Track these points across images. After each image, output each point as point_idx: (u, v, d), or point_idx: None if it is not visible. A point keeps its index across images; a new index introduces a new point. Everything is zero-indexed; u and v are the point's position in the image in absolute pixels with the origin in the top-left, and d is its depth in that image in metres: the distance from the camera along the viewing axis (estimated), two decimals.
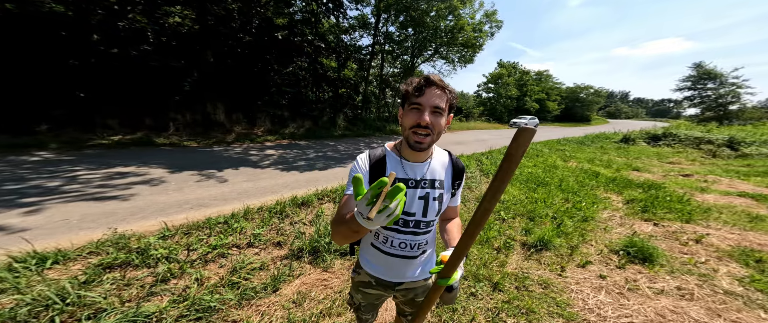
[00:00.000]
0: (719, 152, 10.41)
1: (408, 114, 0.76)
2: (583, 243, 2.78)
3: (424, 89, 0.73)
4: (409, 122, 0.75)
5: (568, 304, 1.89)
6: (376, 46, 15.28)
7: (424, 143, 0.75)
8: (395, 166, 0.83)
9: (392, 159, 0.84)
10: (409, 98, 0.75)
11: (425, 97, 0.73)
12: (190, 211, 3.15)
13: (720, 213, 3.72)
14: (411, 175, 0.83)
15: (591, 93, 43.73)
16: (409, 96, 0.75)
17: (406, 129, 0.77)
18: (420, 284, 0.97)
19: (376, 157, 0.84)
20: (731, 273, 2.35)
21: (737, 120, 26.71)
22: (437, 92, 0.74)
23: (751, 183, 5.71)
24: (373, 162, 0.82)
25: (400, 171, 0.83)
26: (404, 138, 0.80)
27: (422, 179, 0.84)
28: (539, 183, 4.88)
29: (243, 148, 7.38)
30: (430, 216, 0.86)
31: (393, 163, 0.84)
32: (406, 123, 0.76)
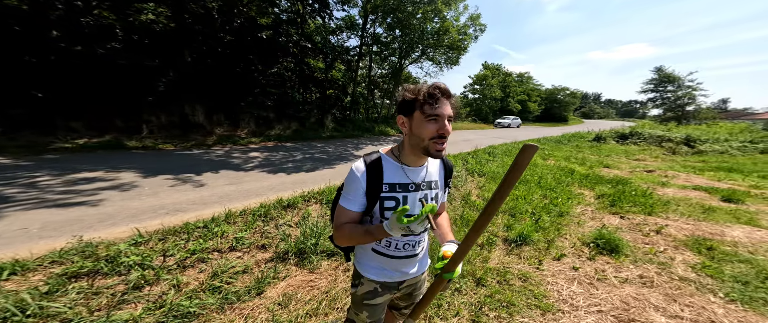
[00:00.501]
0: (678, 149, 11.37)
1: (426, 124, 0.75)
2: (559, 237, 2.94)
3: (440, 101, 0.75)
4: (429, 133, 0.75)
5: (544, 296, 2.00)
6: (363, 48, 15.27)
7: (443, 151, 0.79)
8: (395, 172, 0.84)
9: (390, 165, 0.85)
10: (423, 108, 0.75)
11: (442, 108, 0.75)
12: (166, 217, 3.02)
13: (677, 206, 4.06)
14: (412, 179, 0.86)
15: (568, 94, 46.14)
16: (423, 106, 0.75)
17: (424, 139, 0.76)
18: (419, 279, 1.04)
19: (371, 160, 0.84)
20: (686, 261, 2.57)
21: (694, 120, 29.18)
22: (451, 101, 0.78)
23: (705, 177, 6.27)
24: (369, 164, 0.83)
25: (402, 177, 0.85)
26: (422, 148, 0.78)
27: (421, 182, 0.88)
28: (520, 181, 5.10)
29: (225, 150, 7.13)
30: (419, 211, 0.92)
31: (392, 169, 0.84)
32: (425, 133, 0.76)
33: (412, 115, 0.78)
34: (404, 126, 0.81)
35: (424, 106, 0.75)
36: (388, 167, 0.84)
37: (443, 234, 0.97)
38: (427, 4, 13.07)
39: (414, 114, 0.77)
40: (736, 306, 1.97)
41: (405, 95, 0.79)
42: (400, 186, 0.85)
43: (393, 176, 0.85)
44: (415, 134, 0.78)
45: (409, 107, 0.78)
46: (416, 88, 0.78)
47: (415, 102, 0.76)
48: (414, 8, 13.17)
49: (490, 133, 17.47)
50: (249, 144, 8.27)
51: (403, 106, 0.80)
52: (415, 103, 0.77)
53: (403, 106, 0.80)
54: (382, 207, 0.84)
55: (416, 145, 0.80)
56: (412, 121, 0.78)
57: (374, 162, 0.83)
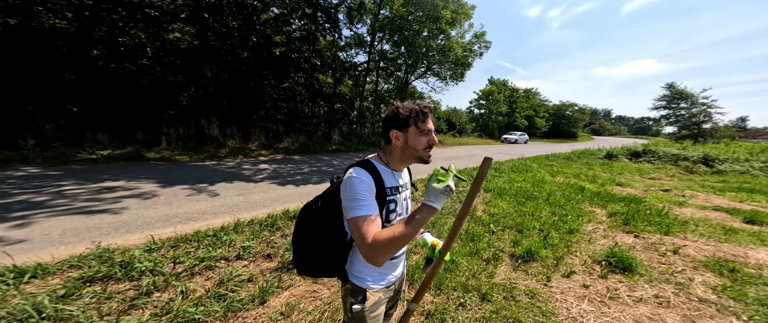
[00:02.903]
0: (695, 168, 10.93)
1: (419, 137, 0.89)
2: (568, 254, 2.85)
3: (428, 117, 0.91)
4: (422, 144, 0.90)
5: (552, 313, 1.93)
6: (371, 63, 15.86)
7: (432, 156, 0.95)
8: (387, 176, 0.93)
9: (383, 170, 0.93)
10: (417, 124, 0.89)
11: (430, 123, 0.91)
12: (179, 225, 3.12)
13: (696, 226, 3.88)
14: (400, 182, 0.98)
15: (576, 110, 45.66)
16: (416, 122, 0.89)
17: (419, 150, 0.90)
18: (403, 277, 1.15)
19: (371, 169, 0.89)
20: (706, 282, 2.44)
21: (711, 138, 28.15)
22: (432, 118, 0.94)
23: (726, 198, 5.99)
24: (370, 169, 0.89)
25: (393, 181, 0.95)
26: (417, 156, 0.92)
27: (404, 184, 1.01)
28: (528, 197, 5.01)
29: (236, 162, 7.36)
30: (408, 211, 1.04)
31: (386, 174, 0.93)
32: (419, 145, 0.90)
33: (408, 130, 0.89)
34: (398, 139, 0.91)
35: (418, 123, 0.88)
36: (383, 172, 0.92)
37: None
38: (432, 22, 13.62)
39: (409, 129, 0.89)
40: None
41: (401, 112, 0.89)
42: (395, 189, 0.95)
43: (389, 180, 0.93)
44: (411, 146, 0.90)
45: (404, 123, 0.89)
46: (409, 106, 0.90)
47: (409, 118, 0.88)
48: (420, 27, 13.74)
49: (497, 149, 17.35)
50: (259, 156, 8.50)
51: (398, 122, 0.90)
52: (409, 120, 0.88)
53: (397, 122, 0.90)
54: (387, 211, 0.91)
55: (411, 155, 0.92)
56: (407, 134, 0.89)
57: (372, 168, 0.89)
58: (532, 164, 9.70)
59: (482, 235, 3.14)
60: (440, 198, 0.79)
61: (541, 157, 12.59)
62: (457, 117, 33.15)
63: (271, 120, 10.95)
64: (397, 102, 0.93)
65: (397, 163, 0.95)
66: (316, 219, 0.96)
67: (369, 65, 15.76)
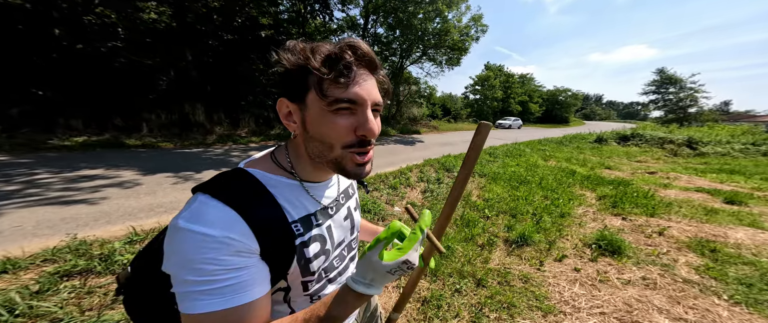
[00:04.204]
0: (680, 151, 11.30)
1: (331, 119, 0.42)
2: (560, 238, 2.90)
3: (354, 72, 0.42)
4: (340, 135, 0.43)
5: (546, 297, 1.96)
6: None
7: (368, 166, 0.47)
8: (294, 197, 0.49)
9: (283, 187, 0.48)
10: (323, 89, 0.41)
11: (360, 89, 0.42)
12: (163, 215, 2.99)
13: (680, 208, 4.01)
14: (325, 202, 0.55)
15: (569, 96, 46.14)
16: (321, 84, 0.41)
17: (334, 146, 0.44)
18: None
19: (245, 199, 0.42)
20: (689, 263, 2.52)
21: (696, 122, 29.12)
22: (377, 77, 0.47)
23: (707, 179, 6.21)
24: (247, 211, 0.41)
25: (306, 202, 0.51)
26: (330, 160, 0.46)
27: (339, 195, 0.59)
28: (521, 181, 5.05)
29: (224, 149, 7.12)
30: (355, 230, 0.65)
31: (288, 193, 0.48)
32: (332, 135, 0.43)
33: (305, 100, 0.43)
34: (291, 119, 0.47)
35: (323, 83, 0.41)
36: (281, 192, 0.47)
37: (376, 231, 0.84)
38: (429, 4, 13.07)
39: (307, 97, 0.43)
40: (740, 309, 1.92)
41: (286, 60, 0.42)
42: (317, 216, 0.52)
43: (298, 205, 0.49)
44: (315, 136, 0.45)
45: (297, 84, 0.43)
46: (307, 46, 0.43)
47: (307, 74, 0.42)
48: (415, 8, 13.18)
49: (491, 134, 17.43)
50: (249, 143, 8.26)
51: (287, 83, 0.44)
52: (307, 77, 0.42)
53: (286, 83, 0.44)
54: (304, 259, 0.49)
55: (319, 155, 0.46)
56: (305, 110, 0.44)
57: (248, 193, 0.44)
58: (526, 149, 9.78)
59: (477, 220, 3.15)
60: (385, 279, 0.41)
61: (535, 141, 12.71)
62: (453, 102, 32.96)
63: (261, 105, 10.56)
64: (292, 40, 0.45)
65: (309, 170, 0.51)
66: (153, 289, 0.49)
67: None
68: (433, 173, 5.39)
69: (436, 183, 4.76)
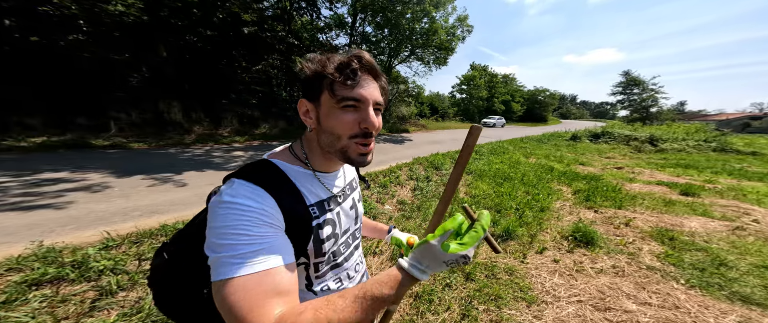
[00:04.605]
0: (643, 148, 12.26)
1: (340, 114, 0.50)
2: (541, 232, 3.07)
3: (360, 77, 0.50)
4: (346, 128, 0.51)
5: (529, 288, 2.08)
6: (353, 46, 15.24)
7: (370, 155, 0.54)
8: (309, 185, 0.56)
9: (300, 176, 0.56)
10: (334, 90, 0.49)
11: (365, 90, 0.50)
12: (141, 219, 2.84)
13: (643, 200, 4.37)
14: (336, 190, 0.63)
15: (547, 95, 48.44)
16: (333, 86, 0.49)
17: (340, 137, 0.51)
18: None
19: (271, 181, 0.50)
20: (652, 251, 2.76)
21: (656, 120, 31.63)
22: (379, 83, 0.54)
23: (666, 173, 6.80)
24: (268, 183, 0.49)
25: (319, 190, 0.58)
26: (337, 149, 0.53)
27: (345, 186, 0.67)
28: (505, 178, 5.28)
29: (205, 149, 6.82)
30: (359, 220, 0.72)
31: (304, 182, 0.56)
32: (340, 128, 0.51)
33: (320, 100, 0.52)
34: (308, 116, 0.54)
35: (334, 85, 0.49)
36: (298, 178, 0.55)
37: (377, 227, 0.90)
38: (416, 4, 13.21)
39: (321, 97, 0.51)
40: (695, 292, 2.13)
41: (306, 68, 0.51)
42: (328, 203, 0.59)
43: (312, 191, 0.57)
44: (326, 129, 0.52)
45: (313, 87, 0.51)
46: (324, 56, 0.52)
47: (322, 79, 0.50)
48: (403, 8, 13.26)
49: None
50: (232, 143, 7.97)
51: (307, 86, 0.52)
52: (322, 81, 0.50)
53: (306, 86, 0.53)
54: (317, 240, 0.55)
55: (329, 145, 0.53)
56: (319, 108, 0.52)
57: (277, 180, 0.51)
58: (509, 146, 10.19)
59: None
60: (439, 268, 0.45)
61: (517, 139, 13.26)
62: (440, 101, 33.60)
63: (244, 104, 10.20)
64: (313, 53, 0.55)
65: (321, 160, 0.58)
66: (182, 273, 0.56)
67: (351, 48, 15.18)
68: (423, 171, 5.49)
69: (426, 181, 4.85)
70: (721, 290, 2.13)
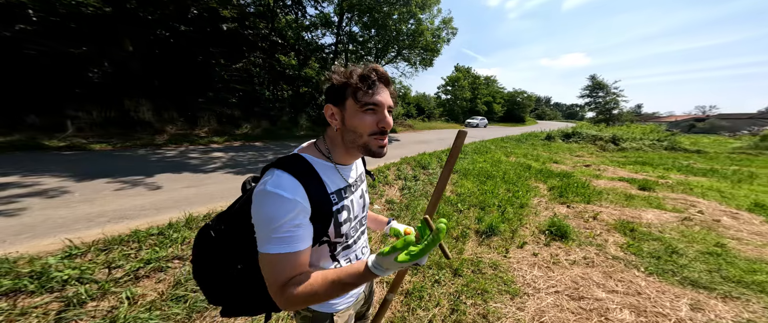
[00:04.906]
0: (607, 147, 13.31)
1: (362, 116, 0.62)
2: (521, 227, 3.24)
3: (377, 86, 0.62)
4: (367, 127, 0.62)
5: (512, 281, 2.18)
6: (339, 46, 14.89)
7: (385, 148, 0.66)
8: (330, 175, 0.68)
9: (323, 167, 0.67)
10: (357, 97, 0.61)
11: (381, 96, 0.62)
12: (108, 225, 2.63)
13: (608, 195, 4.73)
14: (350, 180, 0.74)
15: (525, 97, 50.85)
16: (356, 93, 0.61)
17: (362, 134, 0.63)
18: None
19: (303, 171, 0.62)
20: (616, 242, 2.98)
21: (618, 122, 34.43)
22: (390, 90, 0.66)
23: (626, 170, 7.44)
24: (302, 176, 0.60)
25: (338, 179, 0.70)
26: (360, 145, 0.65)
27: (357, 177, 0.79)
28: (488, 176, 5.49)
29: (180, 150, 6.42)
30: (366, 208, 0.84)
31: (326, 173, 0.67)
32: (362, 127, 0.62)
33: (344, 105, 0.63)
34: (334, 118, 0.65)
35: (357, 93, 0.61)
36: (322, 170, 0.66)
37: (378, 219, 1.01)
38: (403, 5, 13.28)
39: (346, 102, 0.63)
40: (653, 278, 2.32)
41: (333, 78, 0.63)
42: (344, 191, 0.71)
43: (333, 181, 0.68)
44: (350, 128, 0.63)
45: (339, 94, 0.63)
46: (348, 70, 0.63)
47: (346, 88, 0.62)
48: (390, 9, 13.29)
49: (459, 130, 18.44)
50: (210, 143, 7.57)
51: (332, 93, 0.64)
52: (346, 89, 0.62)
53: (331, 93, 0.64)
54: (337, 223, 0.67)
55: (352, 141, 0.65)
56: (344, 111, 0.63)
57: (305, 170, 0.63)
58: (491, 146, 10.60)
59: (451, 214, 3.37)
60: (396, 269, 0.55)
61: (498, 139, 13.81)
62: (426, 102, 34.13)
63: (223, 103, 9.69)
64: (337, 65, 0.66)
65: (343, 155, 0.69)
66: (222, 250, 0.68)
67: (337, 47, 14.82)
68: (410, 171, 5.55)
69: (414, 180, 4.92)
70: (674, 276, 2.35)
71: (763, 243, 3.04)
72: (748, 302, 2.03)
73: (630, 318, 1.83)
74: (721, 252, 2.77)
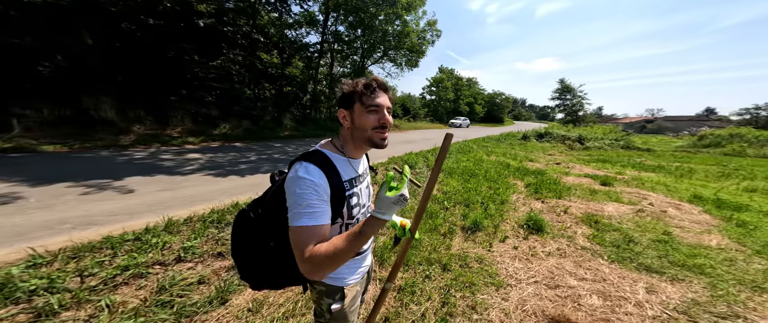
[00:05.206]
0: (574, 146, 14.38)
1: (367, 115, 0.77)
2: (502, 222, 3.43)
3: (377, 92, 0.78)
4: (371, 123, 0.77)
5: (496, 274, 2.31)
6: (324, 45, 14.58)
7: (386, 140, 0.81)
8: (344, 167, 0.82)
9: (338, 160, 0.81)
10: (363, 100, 0.76)
11: (381, 99, 0.78)
12: (74, 232, 2.43)
13: (576, 190, 5.12)
14: (359, 172, 0.88)
15: (504, 99, 53.17)
16: (361, 97, 0.77)
17: (367, 130, 0.77)
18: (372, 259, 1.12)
19: (324, 162, 0.76)
20: (583, 233, 3.23)
21: (583, 123, 37.24)
22: (387, 94, 0.81)
23: (590, 167, 8.10)
24: (322, 165, 0.75)
25: (350, 170, 0.84)
26: (366, 139, 0.79)
27: (364, 170, 0.93)
28: (471, 174, 5.70)
29: (150, 151, 5.99)
30: (370, 198, 0.98)
31: (342, 164, 0.81)
32: (367, 124, 0.77)
33: (353, 108, 0.78)
34: (346, 119, 0.80)
35: (363, 98, 0.76)
36: (338, 163, 0.80)
37: None
38: (390, 6, 13.30)
39: (354, 106, 0.78)
40: (615, 266, 2.49)
41: (344, 88, 0.80)
42: (355, 180, 0.85)
43: (346, 171, 0.82)
44: (358, 126, 0.78)
45: (348, 100, 0.79)
46: (354, 81, 0.79)
47: (354, 94, 0.77)
48: (376, 10, 13.27)
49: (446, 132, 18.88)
50: (185, 144, 7.13)
51: (343, 100, 0.80)
52: (354, 96, 0.77)
53: (343, 100, 0.80)
54: (349, 206, 0.81)
55: (360, 136, 0.80)
56: (353, 113, 0.78)
57: (325, 162, 0.76)
58: (473, 145, 10.99)
59: (439, 212, 3.49)
60: (392, 208, 0.67)
61: (480, 139, 14.35)
62: (411, 102, 34.47)
63: (199, 102, 9.12)
64: (346, 79, 0.83)
65: (353, 149, 0.84)
66: (258, 230, 0.82)
67: (322, 47, 14.51)
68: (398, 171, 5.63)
69: None
70: (632, 262, 2.59)
71: (702, 231, 3.48)
72: (691, 283, 2.30)
73: (598, 303, 2.04)
74: (668, 239, 3.10)
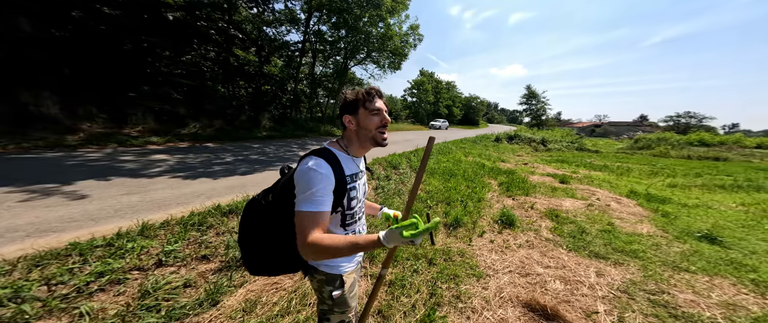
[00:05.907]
0: (539, 148, 15.68)
1: (369, 117, 0.90)
2: (480, 218, 3.69)
3: (376, 98, 0.92)
4: (374, 124, 0.90)
5: (476, 266, 2.52)
6: (306, 44, 14.04)
7: (387, 138, 0.95)
8: (348, 164, 0.92)
9: (343, 157, 0.92)
10: (366, 106, 0.90)
11: (380, 104, 0.92)
12: (29, 239, 2.19)
13: (540, 188, 5.63)
14: (360, 168, 1.01)
15: (479, 102, 55.57)
16: (364, 103, 0.90)
17: (371, 130, 0.90)
18: None
19: (331, 158, 0.87)
20: (547, 226, 3.59)
21: (546, 126, 40.55)
22: (383, 100, 0.96)
23: (551, 167, 8.93)
24: (330, 160, 0.86)
25: (353, 167, 0.95)
26: (370, 138, 0.92)
27: (363, 168, 1.05)
28: (451, 174, 5.96)
29: (105, 152, 5.42)
30: (365, 194, 1.10)
31: (346, 161, 0.92)
32: (372, 125, 0.90)
33: (358, 113, 0.90)
34: (351, 123, 0.92)
35: (366, 103, 0.90)
36: (343, 160, 0.91)
37: (372, 206, 1.28)
38: (374, 8, 13.17)
39: (359, 111, 0.90)
40: (573, 254, 2.79)
41: (347, 97, 0.93)
42: (355, 176, 0.96)
43: (349, 167, 0.93)
44: (364, 127, 0.90)
45: (353, 106, 0.91)
46: (356, 90, 0.93)
47: (358, 101, 0.91)
48: (361, 11, 13.08)
49: (426, 134, 19.27)
50: (147, 144, 6.55)
51: (348, 106, 0.92)
52: (358, 102, 0.91)
53: (348, 107, 0.92)
54: (349, 198, 0.92)
55: (365, 137, 0.92)
56: (358, 117, 0.90)
57: (332, 158, 0.87)
58: (452, 147, 11.40)
59: (422, 210, 3.65)
60: (398, 243, 0.75)
61: (458, 140, 14.90)
62: (393, 104, 34.59)
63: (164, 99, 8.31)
64: (347, 89, 0.95)
65: (357, 149, 0.95)
66: (267, 216, 0.93)
67: (304, 46, 13.98)
68: (382, 171, 5.69)
69: (386, 180, 5.07)
70: (585, 250, 2.94)
71: (636, 221, 4.04)
72: (628, 266, 2.69)
73: (560, 287, 2.34)
74: (611, 229, 3.56)
